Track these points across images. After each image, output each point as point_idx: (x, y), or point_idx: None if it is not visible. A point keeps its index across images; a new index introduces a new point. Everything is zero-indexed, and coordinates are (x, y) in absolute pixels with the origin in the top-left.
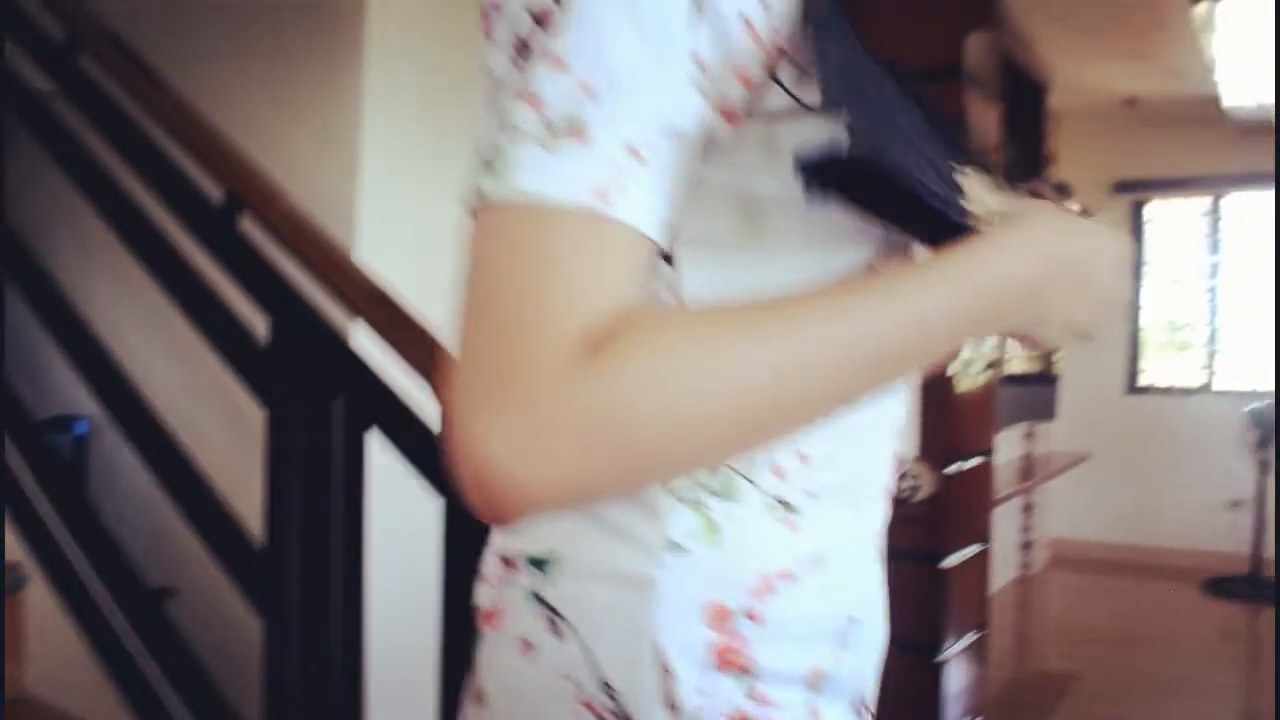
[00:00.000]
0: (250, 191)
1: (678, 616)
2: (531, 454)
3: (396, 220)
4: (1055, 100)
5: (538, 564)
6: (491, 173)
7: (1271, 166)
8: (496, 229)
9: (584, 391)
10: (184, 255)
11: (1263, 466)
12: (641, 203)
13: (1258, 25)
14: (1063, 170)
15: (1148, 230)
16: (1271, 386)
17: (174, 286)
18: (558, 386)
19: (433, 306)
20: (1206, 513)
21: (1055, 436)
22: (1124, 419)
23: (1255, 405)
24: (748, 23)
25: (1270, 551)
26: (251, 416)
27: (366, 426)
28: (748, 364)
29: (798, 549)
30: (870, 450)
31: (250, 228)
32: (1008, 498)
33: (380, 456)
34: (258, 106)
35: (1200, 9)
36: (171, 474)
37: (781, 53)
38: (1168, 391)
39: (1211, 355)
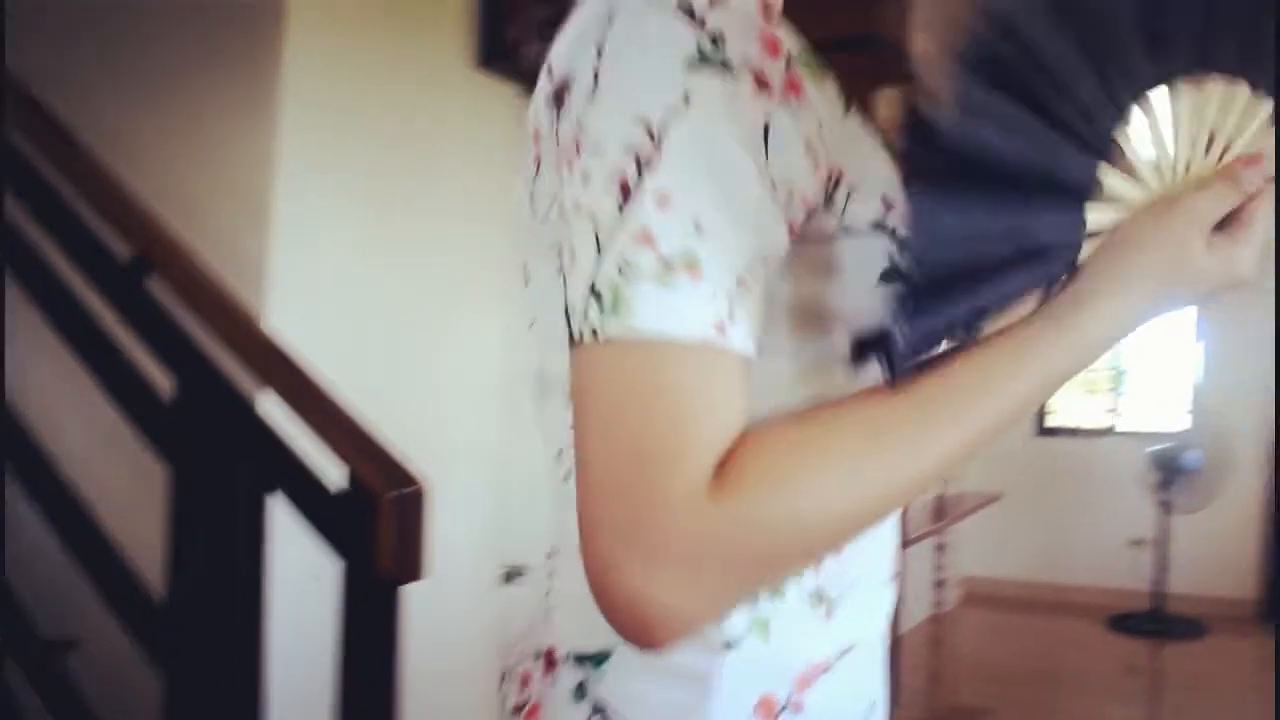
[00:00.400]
0: (158, 251)
1: (732, 710)
2: (684, 587)
3: (308, 277)
4: None
5: (590, 660)
6: (610, 311)
7: None
8: (620, 366)
9: (723, 520)
10: (91, 311)
11: (1164, 506)
12: (747, 330)
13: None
14: None
15: None
16: (1171, 429)
17: (78, 342)
18: (702, 520)
19: (342, 364)
20: (1111, 551)
21: (967, 477)
22: (1033, 460)
23: (1157, 447)
24: (807, 148)
25: (1172, 589)
26: (157, 470)
27: (270, 489)
28: (856, 481)
29: (835, 639)
30: (883, 538)
31: (160, 286)
32: (921, 538)
33: (283, 516)
34: (170, 160)
35: None
36: (70, 526)
37: (834, 179)
38: (1075, 433)
39: (1117, 398)
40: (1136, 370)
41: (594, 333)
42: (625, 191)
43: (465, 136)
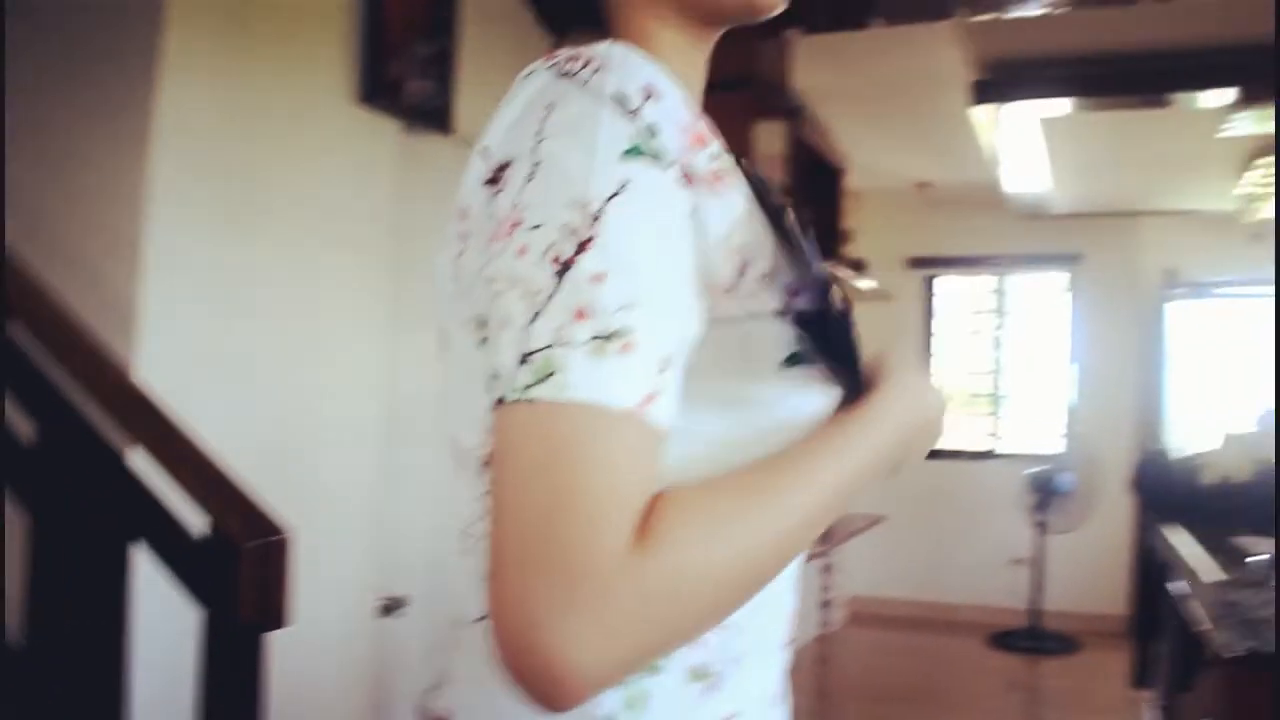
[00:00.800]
0: (21, 295)
1: None
2: (600, 644)
3: (181, 315)
4: (854, 181)
5: None
6: (542, 376)
7: (1047, 249)
8: (548, 428)
9: (642, 578)
10: None
11: (1040, 527)
12: (667, 406)
13: (1033, 129)
14: (862, 245)
15: (938, 303)
16: (1047, 452)
17: None
18: (622, 578)
19: (214, 404)
20: (992, 570)
21: (853, 499)
22: (917, 482)
23: (1033, 469)
24: (723, 239)
25: (1049, 607)
26: (15, 517)
27: (133, 538)
28: (762, 533)
29: (716, 712)
30: (776, 607)
31: (20, 329)
32: (808, 559)
33: (146, 565)
34: (35, 197)
35: (977, 110)
36: None
37: (743, 267)
38: (957, 456)
39: (996, 421)
40: (1015, 393)
41: (522, 395)
42: (562, 268)
43: (346, 172)
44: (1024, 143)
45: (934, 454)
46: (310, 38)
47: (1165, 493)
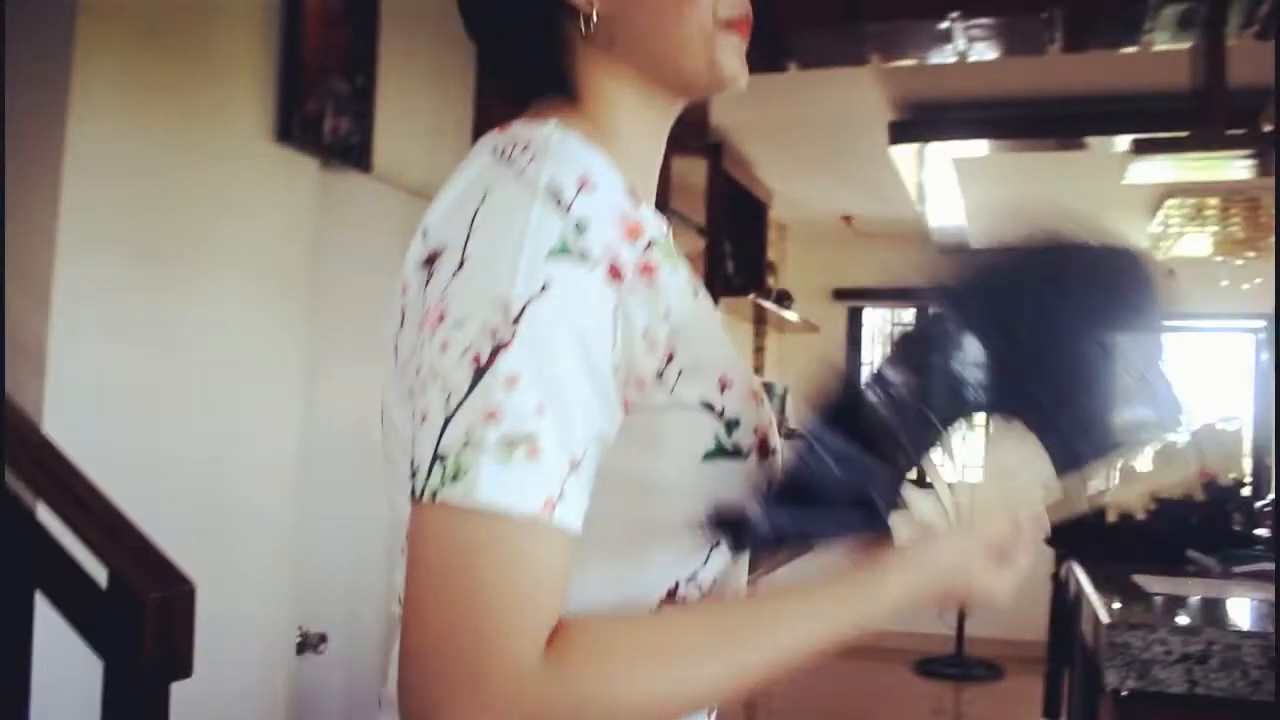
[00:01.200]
0: None
1: None
2: None
3: (93, 358)
4: (779, 214)
5: None
6: (450, 478)
7: None
8: (454, 531)
9: (544, 695)
10: None
11: None
12: (574, 507)
13: (948, 169)
14: (789, 277)
15: (865, 334)
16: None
17: None
18: (520, 691)
19: (129, 448)
20: None
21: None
22: None
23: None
24: (647, 333)
25: (975, 633)
26: None
27: (32, 587)
28: (675, 678)
29: None
30: None
31: None
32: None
33: (44, 615)
34: None
35: (898, 149)
36: None
37: (669, 358)
38: None
39: None
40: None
41: (433, 495)
42: (478, 368)
43: (263, 210)
44: (943, 180)
45: None
46: (227, 75)
47: (1070, 529)
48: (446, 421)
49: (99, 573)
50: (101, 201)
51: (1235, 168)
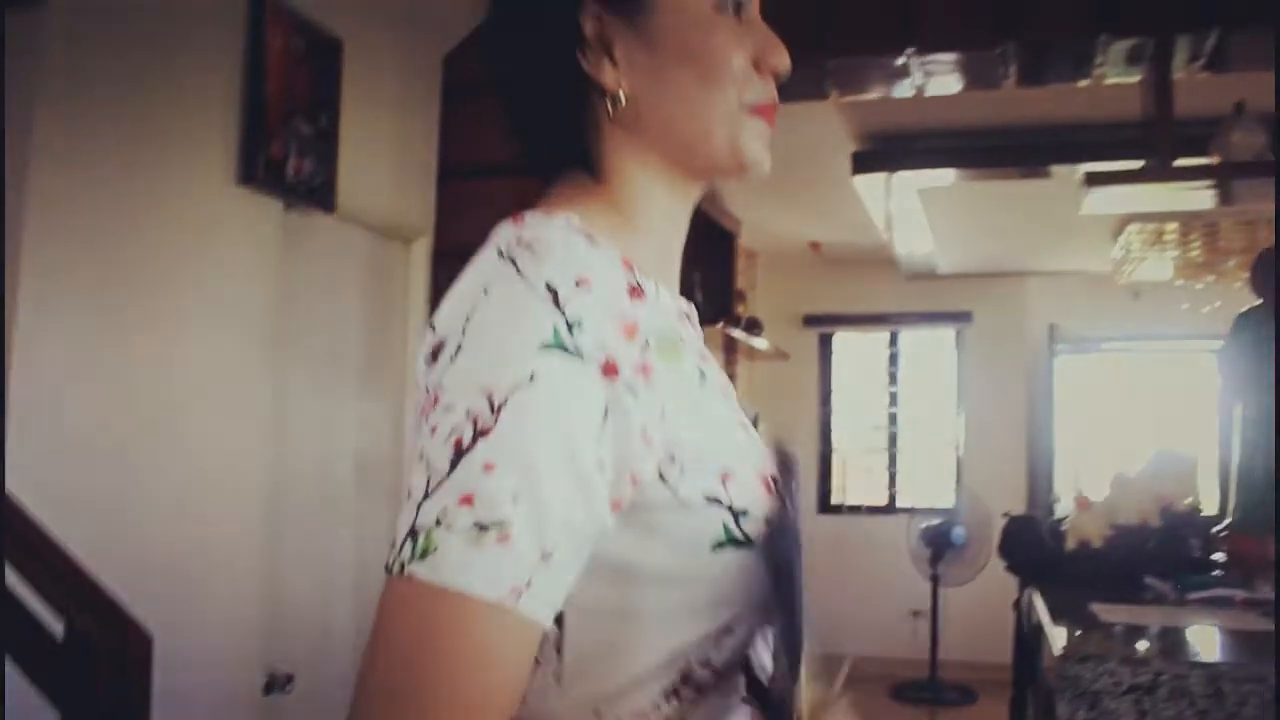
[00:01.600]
0: None
1: None
2: None
3: (55, 401)
4: (749, 241)
5: None
6: (420, 554)
7: (938, 307)
8: (418, 607)
9: None
10: None
11: (935, 580)
12: (543, 598)
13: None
14: (759, 303)
15: (836, 360)
16: (939, 505)
17: None
18: None
19: (89, 495)
20: (894, 622)
21: None
22: (818, 536)
23: (926, 523)
24: (644, 432)
25: (948, 657)
26: None
27: None
28: None
29: None
30: None
31: None
32: None
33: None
34: None
35: (861, 179)
36: None
37: (670, 457)
38: (857, 510)
39: (893, 476)
40: (911, 448)
41: (402, 568)
42: (459, 451)
43: (227, 252)
44: (909, 209)
45: (833, 509)
46: (190, 119)
47: (1030, 558)
48: (424, 500)
49: (56, 625)
50: (65, 245)
51: (1194, 198)
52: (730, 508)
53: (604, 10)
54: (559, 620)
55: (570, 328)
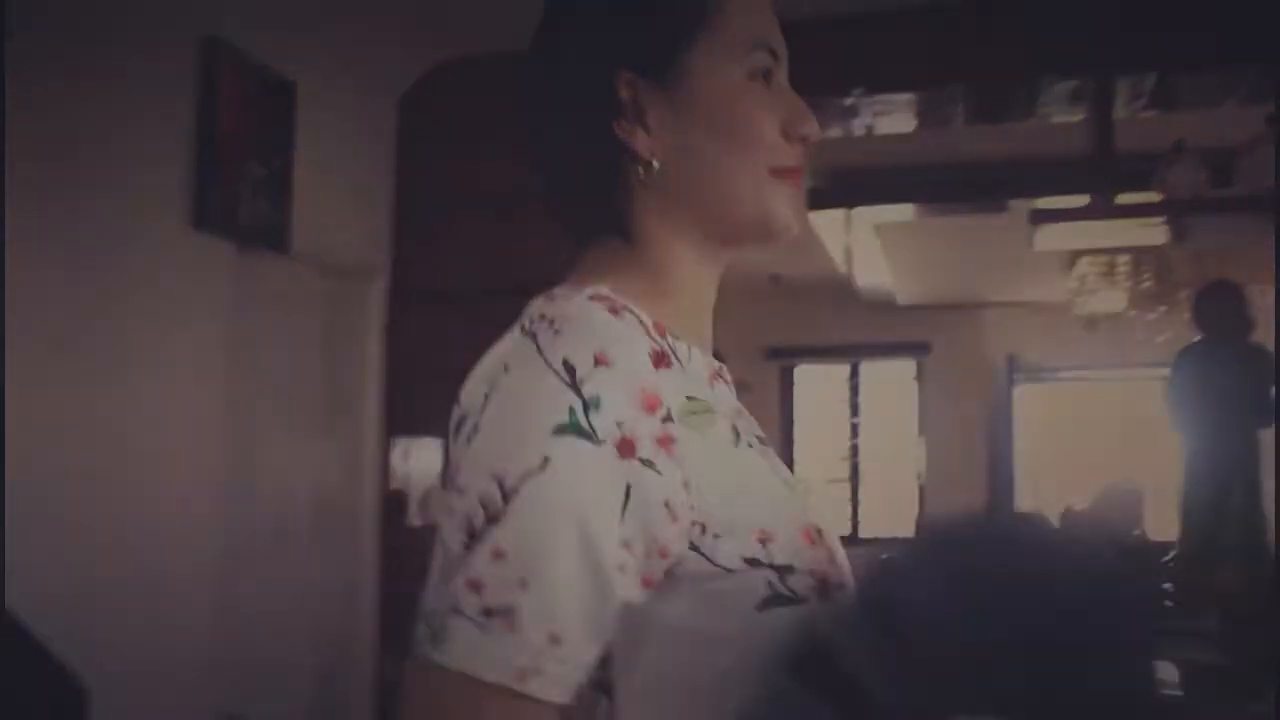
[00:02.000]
0: None
1: None
2: None
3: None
4: None
5: None
6: (432, 639)
7: (897, 338)
8: (430, 689)
9: None
10: None
11: None
12: (553, 679)
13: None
14: (720, 337)
15: (798, 392)
16: (905, 535)
17: None
18: None
19: (41, 539)
20: None
21: None
22: None
23: (888, 554)
24: (668, 505)
25: None
26: None
27: None
28: None
29: None
30: None
31: None
32: None
33: None
34: None
35: (819, 215)
36: None
37: (700, 526)
38: None
39: (856, 507)
40: (872, 479)
41: (417, 652)
42: (470, 538)
43: (181, 296)
44: (866, 243)
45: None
46: (142, 165)
47: None
48: (438, 584)
49: None
50: (14, 293)
51: (1145, 233)
52: (772, 565)
53: (638, 77)
54: (607, 690)
55: (587, 408)
